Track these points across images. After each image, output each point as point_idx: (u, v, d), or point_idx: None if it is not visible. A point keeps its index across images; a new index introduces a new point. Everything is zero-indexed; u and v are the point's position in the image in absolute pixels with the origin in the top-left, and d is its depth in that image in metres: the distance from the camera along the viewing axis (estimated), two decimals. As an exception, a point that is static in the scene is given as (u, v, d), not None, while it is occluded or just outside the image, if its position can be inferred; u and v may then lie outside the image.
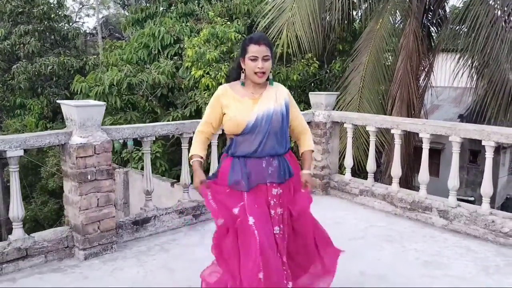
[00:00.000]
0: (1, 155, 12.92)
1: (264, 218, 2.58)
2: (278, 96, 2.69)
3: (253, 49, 2.57)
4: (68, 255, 3.70)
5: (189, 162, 2.95)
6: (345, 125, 5.38)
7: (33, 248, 3.53)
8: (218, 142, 4.76)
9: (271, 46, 2.65)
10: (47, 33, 13.80)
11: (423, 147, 4.62)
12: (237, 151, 2.63)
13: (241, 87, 2.68)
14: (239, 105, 2.62)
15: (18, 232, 3.51)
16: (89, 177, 3.58)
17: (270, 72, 2.67)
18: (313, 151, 2.93)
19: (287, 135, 2.73)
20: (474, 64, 8.08)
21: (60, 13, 14.53)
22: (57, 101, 4.03)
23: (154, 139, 4.25)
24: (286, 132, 2.72)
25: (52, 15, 13.89)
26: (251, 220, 2.51)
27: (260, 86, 2.67)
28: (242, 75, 2.67)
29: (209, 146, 4.47)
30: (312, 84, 9.96)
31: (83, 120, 3.54)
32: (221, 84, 8.38)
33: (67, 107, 3.60)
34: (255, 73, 2.58)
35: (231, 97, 2.66)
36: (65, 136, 3.56)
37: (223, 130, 2.78)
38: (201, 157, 2.74)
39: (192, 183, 2.81)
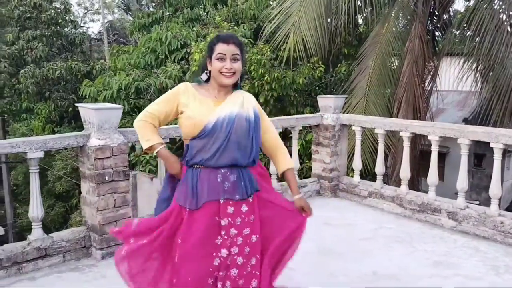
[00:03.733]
0: (7, 159, 12.90)
1: (200, 243, 2.28)
2: (245, 102, 2.43)
3: (221, 47, 2.32)
4: (85, 255, 3.78)
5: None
6: (353, 128, 5.45)
7: (52, 248, 3.62)
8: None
9: (242, 46, 2.40)
10: (55, 38, 13.93)
11: (432, 149, 4.69)
12: (191, 158, 2.33)
13: (204, 88, 2.42)
14: (199, 105, 2.35)
15: (37, 232, 3.60)
16: (106, 178, 3.66)
17: (242, 79, 2.46)
18: (293, 168, 2.64)
19: (254, 145, 2.39)
20: (479, 68, 8.17)
21: (67, 18, 14.68)
22: (76, 104, 4.12)
23: (168, 141, 4.32)
24: (253, 141, 2.38)
25: (59, 20, 14.03)
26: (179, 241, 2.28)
27: (226, 91, 2.41)
28: (205, 76, 2.41)
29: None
30: (317, 87, 10.05)
31: (101, 123, 3.63)
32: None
33: (86, 110, 3.69)
34: (221, 73, 2.32)
35: (191, 95, 2.38)
36: (83, 138, 3.65)
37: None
38: (164, 144, 2.45)
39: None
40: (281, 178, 2.68)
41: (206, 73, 2.40)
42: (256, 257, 2.35)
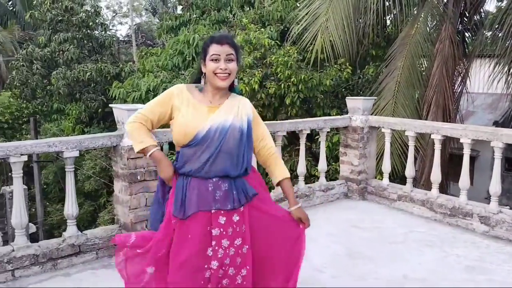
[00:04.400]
0: (39, 159, 13.17)
1: (193, 256, 2.20)
2: (240, 109, 2.31)
3: (215, 48, 2.23)
4: (117, 252, 3.85)
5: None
6: (383, 130, 5.40)
7: (86, 245, 3.71)
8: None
9: (237, 47, 2.30)
10: (85, 41, 14.19)
11: (464, 152, 4.60)
12: (182, 166, 2.24)
13: (199, 92, 2.32)
14: (192, 111, 2.25)
15: (72, 229, 3.69)
16: (138, 177, 3.74)
17: (236, 78, 2.34)
18: (288, 177, 2.49)
19: (246, 155, 2.30)
20: (511, 71, 7.98)
21: (97, 21, 14.97)
22: (110, 105, 4.22)
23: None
24: (246, 152, 2.29)
25: (90, 23, 14.31)
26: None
27: (221, 95, 2.31)
28: (202, 80, 2.32)
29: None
30: (344, 89, 9.98)
31: (134, 123, 3.69)
32: (254, 89, 8.60)
33: (119, 110, 3.77)
34: (216, 74, 2.22)
35: (185, 99, 2.28)
36: (117, 138, 3.74)
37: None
38: (158, 145, 2.32)
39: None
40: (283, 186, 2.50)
41: (203, 77, 2.31)
42: (246, 268, 2.28)
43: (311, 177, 8.31)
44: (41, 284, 3.40)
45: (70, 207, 3.68)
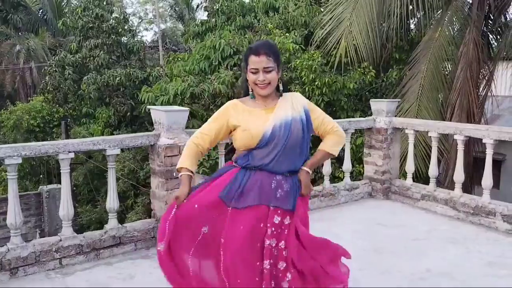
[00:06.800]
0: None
1: (246, 246, 2.30)
2: (294, 104, 2.46)
3: (253, 60, 2.37)
4: (154, 244, 4.07)
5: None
6: (406, 131, 5.54)
7: (125, 237, 3.98)
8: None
9: (275, 54, 2.39)
10: (114, 47, 14.63)
11: (486, 153, 4.71)
12: (250, 163, 2.38)
13: (251, 100, 2.47)
14: (251, 117, 2.40)
15: (113, 221, 3.97)
16: (174, 174, 3.98)
17: (280, 82, 2.44)
18: (330, 154, 2.59)
19: (307, 145, 2.48)
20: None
21: (125, 27, 15.45)
22: (147, 107, 4.49)
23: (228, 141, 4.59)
24: (307, 141, 2.47)
25: (119, 30, 14.80)
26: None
27: (272, 98, 2.46)
28: (249, 88, 2.47)
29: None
30: (368, 92, 10.10)
31: (170, 123, 3.96)
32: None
33: (157, 112, 4.04)
34: (256, 84, 2.38)
35: (241, 110, 2.44)
36: (154, 138, 4.00)
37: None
38: (192, 173, 2.49)
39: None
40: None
41: (249, 85, 2.45)
42: (291, 273, 2.35)
43: (335, 179, 8.45)
44: (86, 271, 3.67)
45: (112, 201, 3.96)
